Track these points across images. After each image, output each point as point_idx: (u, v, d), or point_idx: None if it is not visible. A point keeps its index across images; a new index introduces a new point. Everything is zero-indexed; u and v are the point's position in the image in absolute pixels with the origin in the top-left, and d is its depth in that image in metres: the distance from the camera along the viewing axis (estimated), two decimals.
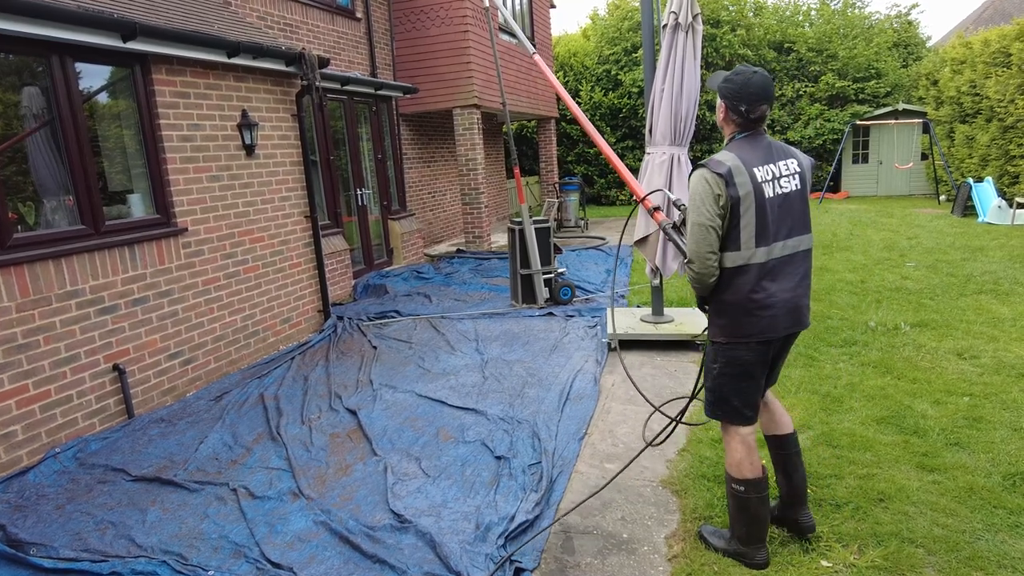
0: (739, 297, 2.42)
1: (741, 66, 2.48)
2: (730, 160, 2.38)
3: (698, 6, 5.00)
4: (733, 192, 2.34)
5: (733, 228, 2.38)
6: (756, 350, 2.46)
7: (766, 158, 2.43)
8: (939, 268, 7.56)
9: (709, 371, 2.61)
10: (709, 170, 2.39)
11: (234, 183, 5.45)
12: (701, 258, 2.41)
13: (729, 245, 2.41)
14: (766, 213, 2.38)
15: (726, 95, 2.48)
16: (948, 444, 3.43)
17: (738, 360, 2.48)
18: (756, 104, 2.42)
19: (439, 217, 12.24)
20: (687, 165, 5.14)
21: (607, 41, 18.72)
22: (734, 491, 2.55)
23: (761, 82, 2.41)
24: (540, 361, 5.20)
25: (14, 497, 3.53)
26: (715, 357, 2.56)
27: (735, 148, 2.45)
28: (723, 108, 2.53)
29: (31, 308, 3.92)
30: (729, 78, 2.47)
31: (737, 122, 2.49)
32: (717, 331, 2.53)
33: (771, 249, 2.40)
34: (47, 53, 4.05)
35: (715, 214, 2.36)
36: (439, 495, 3.26)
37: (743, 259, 2.40)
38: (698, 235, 2.40)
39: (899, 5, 28.91)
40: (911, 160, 16.02)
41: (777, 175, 2.42)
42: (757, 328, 2.43)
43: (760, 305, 2.41)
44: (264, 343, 5.80)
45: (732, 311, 2.45)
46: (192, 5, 5.73)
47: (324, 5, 8.78)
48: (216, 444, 4.05)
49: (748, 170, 2.37)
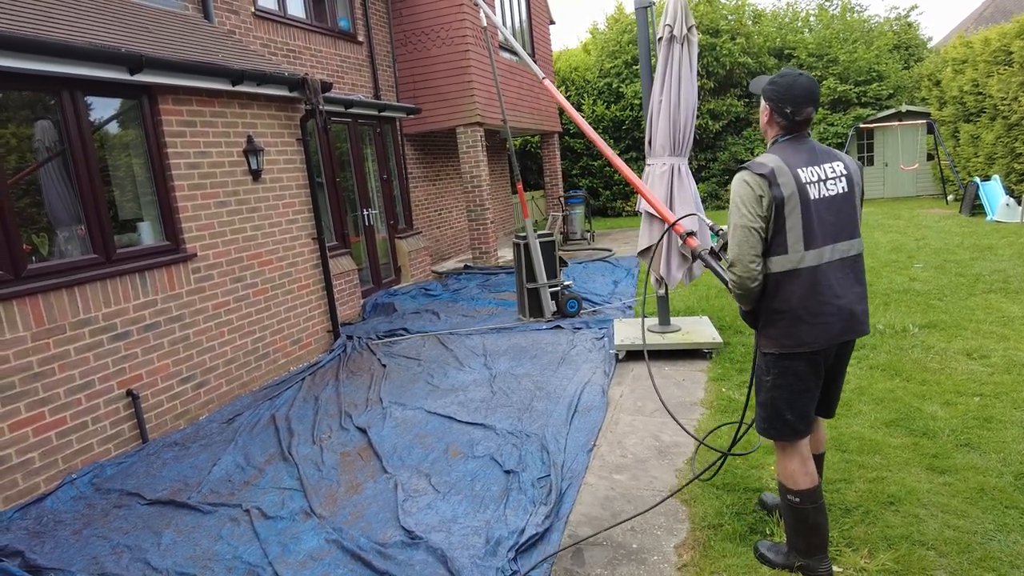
0: (791, 304, 2.32)
1: (786, 68, 2.44)
2: (773, 161, 2.32)
3: (693, 18, 5.07)
4: (776, 192, 2.27)
5: (779, 231, 2.30)
6: (811, 360, 2.36)
7: (810, 160, 2.36)
8: (947, 268, 7.52)
9: (761, 385, 2.50)
10: (751, 171, 2.32)
11: (241, 208, 5.55)
12: (743, 261, 2.32)
13: (776, 249, 2.32)
14: (812, 215, 2.30)
15: (771, 97, 2.41)
16: (958, 445, 3.41)
17: (792, 371, 2.38)
18: (802, 106, 2.36)
19: (446, 234, 12.32)
20: (687, 175, 5.18)
21: (607, 55, 18.89)
22: (789, 503, 2.46)
23: (807, 84, 2.36)
24: (548, 374, 5.22)
25: (32, 523, 3.59)
26: (767, 370, 2.45)
27: (778, 150, 2.39)
28: (767, 111, 2.47)
29: (46, 337, 4.00)
30: (774, 80, 2.42)
31: (782, 124, 2.43)
32: (769, 342, 2.42)
33: (821, 253, 2.31)
34: (58, 88, 4.17)
35: (757, 215, 2.29)
36: (449, 510, 3.27)
37: (792, 263, 2.30)
38: (739, 236, 2.32)
39: (898, 7, 28.97)
40: (916, 161, 15.97)
41: (823, 177, 2.34)
42: (811, 336, 2.32)
43: (813, 312, 2.31)
44: (275, 365, 5.86)
45: (784, 319, 2.35)
46: (197, 36, 5.86)
47: (326, 30, 8.94)
48: (229, 466, 4.09)
49: (792, 171, 2.30)
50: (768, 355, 2.44)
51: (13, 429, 3.80)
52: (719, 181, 17.79)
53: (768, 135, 2.50)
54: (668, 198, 5.12)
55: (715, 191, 17.75)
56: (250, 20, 7.49)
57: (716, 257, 2.75)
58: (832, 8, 19.83)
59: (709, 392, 4.56)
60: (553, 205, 14.75)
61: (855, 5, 19.54)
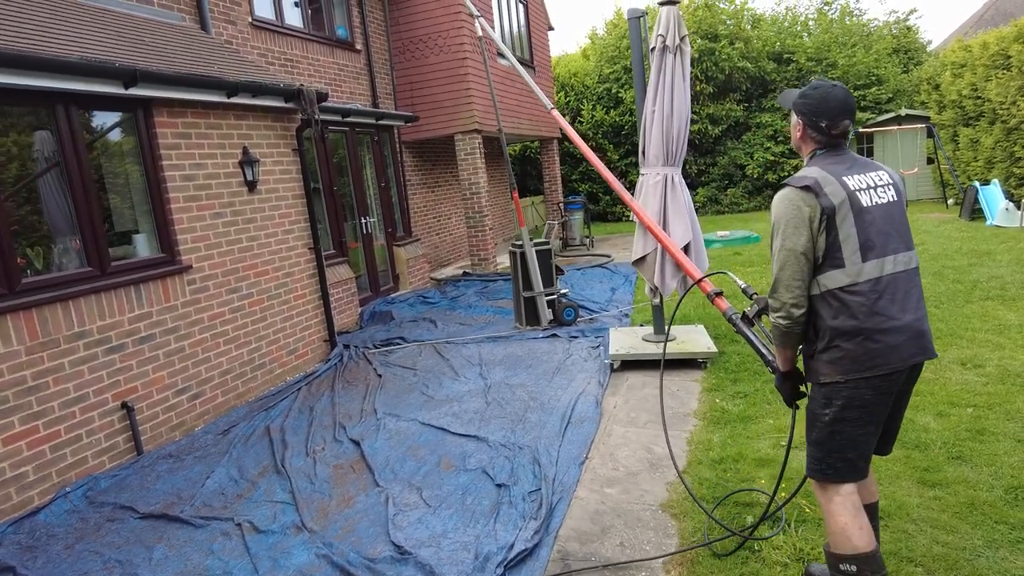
0: (854, 323, 2.09)
1: (817, 80, 2.32)
2: (814, 172, 2.17)
3: (685, 28, 5.08)
4: (825, 202, 2.10)
5: (832, 244, 2.11)
6: (879, 386, 2.12)
7: (853, 169, 2.20)
8: (945, 275, 7.51)
9: (815, 421, 2.22)
10: (792, 187, 2.16)
11: (237, 219, 5.56)
12: (789, 287, 2.13)
13: (831, 263, 2.12)
14: (867, 223, 2.12)
15: (804, 111, 2.27)
16: (950, 458, 3.41)
17: (858, 401, 2.13)
18: (838, 119, 2.21)
19: (445, 240, 12.34)
20: (681, 184, 5.19)
21: (606, 60, 18.93)
22: (844, 573, 2.14)
23: (842, 95, 2.22)
24: (543, 384, 5.22)
25: (25, 538, 3.59)
26: (826, 402, 2.18)
27: (816, 163, 2.24)
28: (800, 126, 2.31)
29: (40, 351, 4.01)
30: (806, 93, 2.28)
31: (817, 139, 2.27)
32: (829, 368, 2.14)
33: (882, 263, 2.11)
34: (53, 102, 4.19)
35: (806, 238, 2.10)
36: (439, 525, 3.28)
37: (851, 276, 2.10)
38: (783, 259, 2.14)
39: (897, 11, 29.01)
40: (916, 165, 15.96)
41: (871, 185, 2.17)
42: (883, 357, 2.08)
43: (881, 330, 2.08)
44: (271, 375, 5.87)
45: (847, 341, 2.10)
46: (194, 47, 5.89)
47: (324, 39, 8.98)
48: (222, 478, 4.10)
49: (837, 179, 2.14)
50: (828, 385, 2.16)
51: (7, 443, 3.81)
52: (718, 186, 17.80)
53: (803, 151, 2.36)
54: (662, 208, 5.13)
55: (715, 196, 17.75)
56: (247, 30, 7.52)
57: (749, 323, 2.47)
58: (831, 12, 19.86)
59: (703, 403, 4.56)
60: (552, 211, 14.77)
61: (854, 9, 19.59)
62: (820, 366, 2.18)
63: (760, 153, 16.94)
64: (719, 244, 11.60)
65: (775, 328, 2.23)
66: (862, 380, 2.10)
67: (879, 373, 2.09)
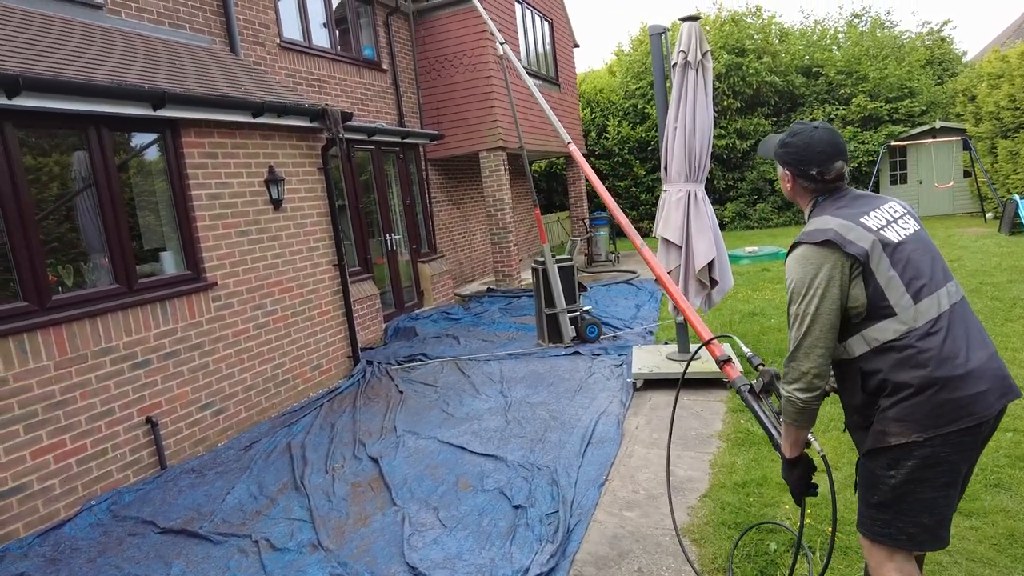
0: (923, 373, 1.78)
1: (796, 124, 2.10)
2: (830, 223, 1.91)
3: (707, 44, 5.04)
4: (854, 250, 1.84)
5: (875, 293, 1.85)
6: (962, 442, 1.80)
7: (865, 208, 1.97)
8: (983, 292, 7.26)
9: (877, 484, 1.89)
10: (809, 245, 1.90)
11: (262, 236, 5.65)
12: (807, 352, 1.88)
13: (880, 313, 1.85)
14: (906, 259, 1.88)
15: (789, 161, 2.08)
16: (988, 485, 3.25)
17: (936, 459, 1.80)
18: (828, 163, 2.00)
19: (470, 257, 12.38)
20: (704, 201, 5.12)
21: (632, 76, 18.93)
22: None
23: (827, 136, 2.01)
24: (564, 403, 5.15)
25: (50, 550, 3.65)
26: (892, 464, 1.84)
27: (824, 211, 2.00)
28: (789, 178, 2.11)
29: (68, 366, 4.10)
30: (786, 141, 2.08)
31: (811, 188, 2.07)
32: (901, 428, 1.81)
33: (938, 300, 1.85)
34: (85, 125, 4.32)
35: (831, 300, 1.85)
36: (455, 546, 3.23)
37: (906, 323, 1.82)
38: (803, 323, 1.89)
39: (930, 22, 28.44)
40: (951, 179, 15.56)
41: (890, 218, 1.95)
42: (964, 409, 1.77)
43: (957, 376, 1.78)
44: (294, 391, 5.92)
45: (919, 395, 1.79)
46: (223, 69, 6.04)
47: (351, 59, 9.14)
48: (242, 495, 4.12)
49: (855, 222, 1.90)
50: (901, 447, 1.82)
51: (35, 456, 3.89)
52: (747, 201, 17.57)
53: (801, 203, 2.14)
54: (684, 225, 5.06)
55: (743, 211, 17.52)
56: (275, 51, 7.70)
57: (757, 397, 2.19)
58: (862, 25, 19.59)
59: (727, 424, 4.45)
60: (577, 227, 14.73)
61: (885, 21, 19.30)
62: (888, 426, 1.83)
63: None
64: (748, 260, 11.42)
65: (789, 404, 1.95)
66: (941, 437, 1.78)
67: (964, 427, 1.77)
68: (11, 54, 4.07)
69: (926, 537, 1.85)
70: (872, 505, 1.91)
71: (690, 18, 5.00)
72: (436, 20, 10.56)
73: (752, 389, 2.20)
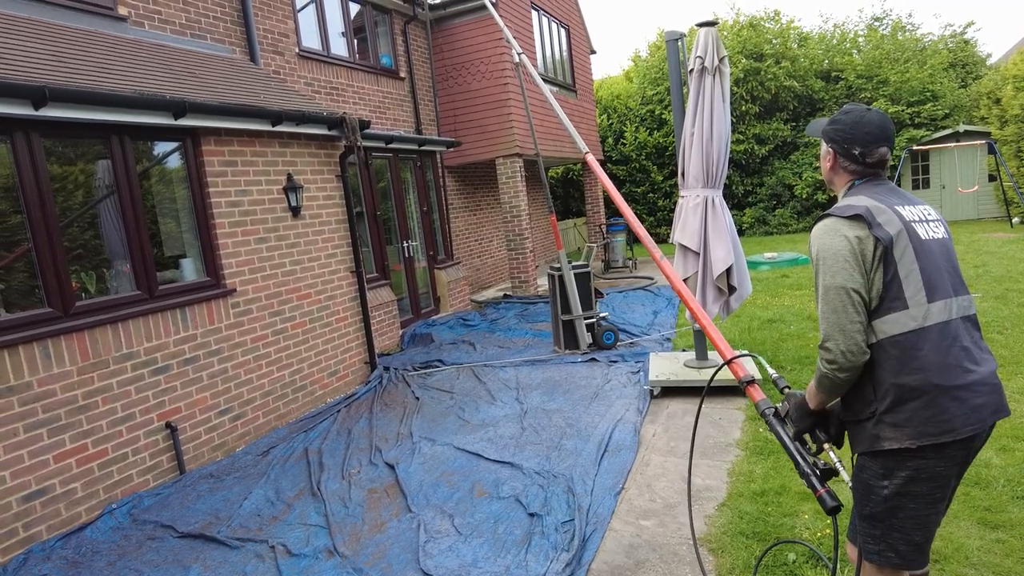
0: (923, 377, 1.76)
1: (850, 104, 2.06)
2: (863, 200, 1.88)
3: (724, 49, 5.01)
4: (880, 233, 1.80)
5: (891, 282, 1.80)
6: (953, 456, 1.77)
7: (901, 200, 1.93)
8: (1009, 298, 7.11)
9: (870, 494, 1.86)
10: (837, 217, 1.87)
11: (281, 244, 5.70)
12: (845, 332, 1.78)
13: (891, 305, 1.80)
14: (929, 259, 1.83)
15: (835, 138, 2.03)
16: (1015, 497, 3.18)
17: (929, 472, 1.78)
18: (872, 145, 1.95)
19: (486, 263, 12.40)
20: (722, 207, 5.08)
21: (649, 81, 18.89)
22: None
23: (877, 119, 1.96)
24: (580, 410, 5.13)
25: (71, 553, 3.70)
26: (886, 473, 1.82)
27: (861, 191, 1.97)
28: (831, 155, 2.06)
29: (91, 371, 4.16)
30: (836, 119, 2.05)
31: (851, 169, 2.02)
32: (895, 432, 1.79)
33: (948, 306, 1.81)
34: (108, 134, 4.40)
35: (855, 271, 1.80)
36: (470, 554, 3.22)
37: (916, 320, 1.78)
38: (835, 301, 1.80)
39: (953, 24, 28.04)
40: (976, 183, 15.29)
41: (924, 218, 1.91)
42: (960, 419, 1.74)
43: (958, 386, 1.75)
44: (311, 396, 5.95)
45: (916, 400, 1.76)
46: (242, 78, 6.13)
47: (369, 67, 9.22)
48: (259, 500, 4.14)
49: (890, 207, 1.86)
50: (892, 453, 1.80)
51: (58, 460, 3.95)
52: (766, 206, 17.41)
53: (836, 186, 2.09)
54: (702, 231, 5.03)
55: (762, 216, 17.36)
56: (294, 60, 7.79)
57: (782, 422, 2.05)
58: (882, 28, 19.36)
59: (746, 432, 4.39)
60: (593, 233, 14.69)
61: (907, 24, 19.05)
62: (883, 430, 1.81)
63: (809, 173, 16.52)
64: (767, 266, 11.31)
65: (825, 379, 1.86)
66: (935, 448, 1.75)
67: (957, 438, 1.74)
68: (38, 66, 4.17)
69: (916, 556, 1.84)
70: (864, 517, 1.89)
71: (707, 24, 4.98)
72: (453, 28, 10.63)
73: (777, 413, 2.06)
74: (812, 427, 2.00)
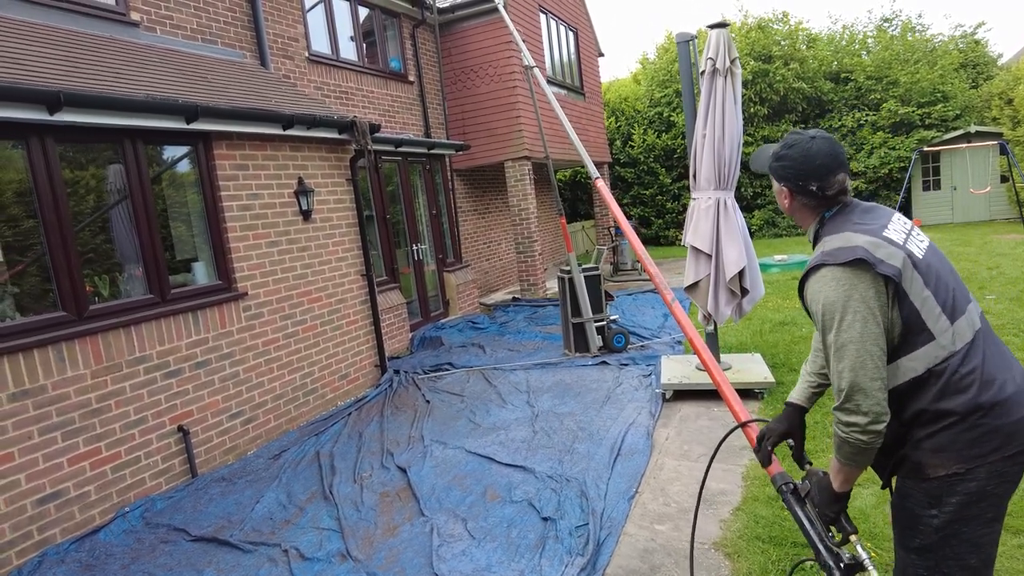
0: (967, 398, 1.64)
1: (790, 135, 1.90)
2: (855, 239, 1.71)
3: (736, 50, 4.99)
4: (887, 270, 1.65)
5: (910, 316, 1.67)
6: (1006, 472, 1.65)
7: (880, 220, 1.79)
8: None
9: (917, 525, 1.72)
10: (835, 265, 1.68)
11: (292, 247, 5.72)
12: (865, 391, 1.61)
13: (915, 340, 1.68)
14: (934, 276, 1.73)
15: (785, 176, 1.88)
16: None
17: (983, 495, 1.65)
18: (829, 176, 1.81)
19: (495, 266, 12.39)
20: (734, 208, 5.05)
21: (657, 84, 18.85)
22: None
23: (827, 148, 1.81)
24: (591, 413, 5.10)
25: (85, 556, 3.71)
26: (934, 501, 1.68)
27: (838, 227, 1.80)
28: (787, 194, 1.90)
29: (104, 374, 4.18)
30: (781, 155, 1.88)
31: (813, 205, 1.87)
32: (941, 459, 1.66)
33: (970, 319, 1.72)
34: (121, 138, 4.42)
35: (875, 323, 1.64)
36: (483, 558, 3.21)
37: (946, 348, 1.67)
38: (853, 356, 1.63)
39: (963, 25, 27.87)
40: (988, 184, 15.16)
41: (907, 231, 1.79)
42: (1010, 435, 1.64)
43: (1001, 401, 1.64)
44: (322, 400, 5.96)
45: (960, 423, 1.65)
46: (253, 82, 6.15)
47: (378, 71, 9.25)
48: (271, 503, 4.14)
49: (881, 237, 1.71)
50: (941, 479, 1.67)
51: (72, 463, 3.97)
52: (775, 208, 17.32)
53: (803, 223, 1.94)
54: (715, 232, 5.00)
55: (771, 218, 17.28)
56: (304, 65, 7.82)
57: (801, 501, 1.85)
58: (892, 29, 19.26)
59: None
60: (602, 236, 14.67)
61: (916, 25, 18.94)
62: (924, 456, 1.68)
63: None
64: (777, 268, 11.24)
65: (845, 446, 1.68)
66: (985, 468, 1.63)
67: (1007, 454, 1.63)
68: (53, 71, 4.19)
69: None
70: (912, 549, 1.73)
71: (718, 25, 4.96)
72: (462, 32, 10.65)
73: (796, 490, 1.86)
74: (838, 515, 1.78)
